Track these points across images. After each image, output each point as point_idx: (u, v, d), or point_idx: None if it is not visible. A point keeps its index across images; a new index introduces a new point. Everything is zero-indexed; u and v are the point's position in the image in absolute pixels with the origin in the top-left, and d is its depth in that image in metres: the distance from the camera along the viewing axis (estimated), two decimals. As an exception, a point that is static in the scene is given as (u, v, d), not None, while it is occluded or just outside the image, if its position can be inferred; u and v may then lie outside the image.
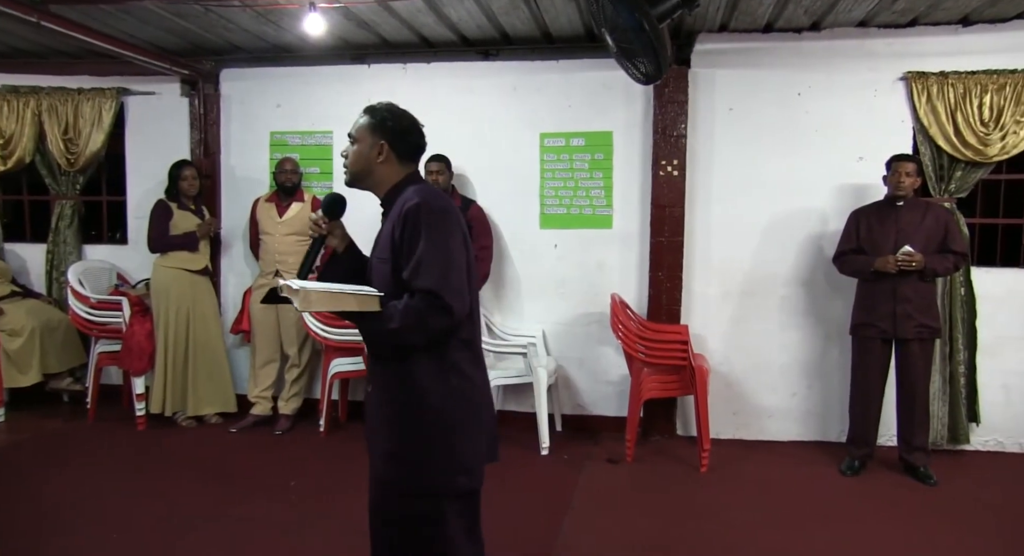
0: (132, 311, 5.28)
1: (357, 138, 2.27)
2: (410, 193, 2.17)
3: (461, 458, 2.16)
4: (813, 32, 4.94)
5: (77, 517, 3.81)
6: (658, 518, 3.94)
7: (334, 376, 5.20)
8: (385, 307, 2.08)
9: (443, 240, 2.09)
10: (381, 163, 2.24)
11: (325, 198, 2.39)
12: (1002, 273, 4.95)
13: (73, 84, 5.81)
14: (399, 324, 2.03)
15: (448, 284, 2.05)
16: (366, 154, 2.24)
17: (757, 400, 5.21)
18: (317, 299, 1.98)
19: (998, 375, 4.94)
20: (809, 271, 5.10)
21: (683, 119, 5.03)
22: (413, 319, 2.03)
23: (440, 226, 2.10)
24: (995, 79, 4.72)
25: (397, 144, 2.24)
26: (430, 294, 2.03)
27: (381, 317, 2.07)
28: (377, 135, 2.23)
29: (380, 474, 2.26)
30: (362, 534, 3.57)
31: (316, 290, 1.99)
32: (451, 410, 2.15)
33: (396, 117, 2.26)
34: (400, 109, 2.30)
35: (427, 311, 2.03)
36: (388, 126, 2.23)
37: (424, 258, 2.05)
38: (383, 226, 2.26)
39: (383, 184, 2.27)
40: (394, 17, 4.69)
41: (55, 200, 5.95)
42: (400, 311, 2.04)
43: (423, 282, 2.04)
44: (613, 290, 5.18)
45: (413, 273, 2.05)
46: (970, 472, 4.64)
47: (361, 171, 2.27)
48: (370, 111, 2.27)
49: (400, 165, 2.26)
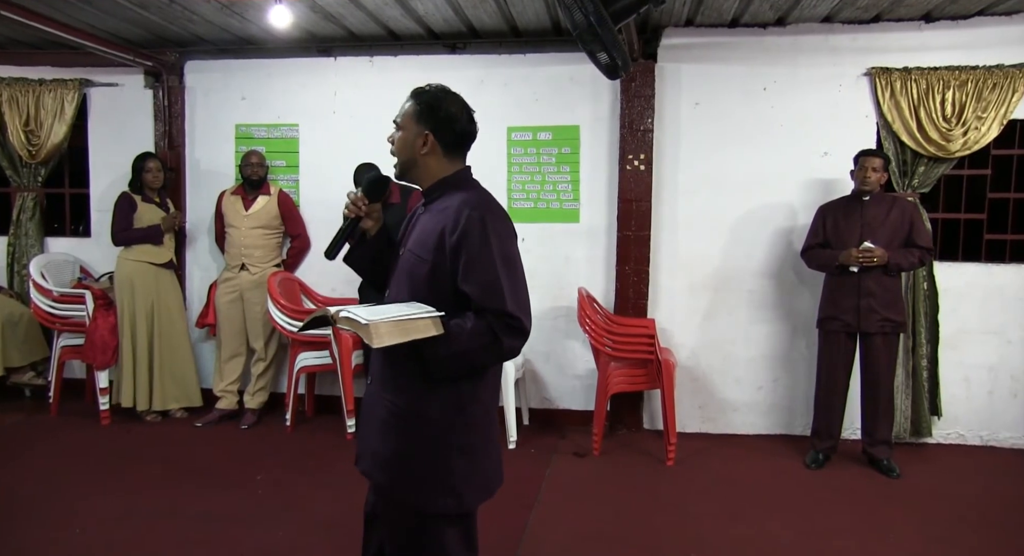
0: (96, 304, 5.21)
1: (402, 125, 2.11)
2: (469, 197, 2.04)
3: (452, 480, 2.04)
4: (778, 27, 4.98)
5: (38, 512, 3.75)
6: (624, 511, 3.95)
7: (300, 370, 5.17)
8: (449, 328, 1.92)
9: (512, 256, 2.01)
10: (425, 155, 2.09)
11: (369, 176, 2.25)
12: (964, 267, 5.00)
13: (34, 75, 5.72)
14: (470, 346, 1.93)
15: (521, 304, 1.97)
16: (411, 143, 2.09)
17: (723, 394, 5.24)
18: (387, 332, 1.82)
19: (960, 368, 5.00)
20: (776, 265, 5.14)
21: (650, 114, 5.04)
22: (488, 339, 1.93)
23: (508, 241, 2.02)
24: (957, 75, 4.77)
25: (443, 134, 2.08)
26: (506, 316, 1.93)
27: (449, 340, 1.92)
28: (422, 124, 2.07)
29: (368, 469, 2.17)
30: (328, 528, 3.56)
31: (384, 322, 1.82)
32: (450, 426, 2.04)
33: (443, 103, 2.08)
34: (448, 93, 2.11)
35: (503, 332, 1.94)
36: (432, 115, 2.06)
37: (497, 275, 1.94)
38: (420, 218, 2.15)
39: (427, 177, 2.13)
40: (360, 10, 4.66)
41: (16, 192, 5.86)
42: (469, 332, 1.93)
43: (498, 303, 1.93)
44: (580, 284, 5.18)
45: (486, 293, 1.94)
46: (932, 465, 4.69)
47: (406, 162, 2.13)
48: (416, 95, 2.10)
49: (446, 158, 2.11)
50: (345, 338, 4.85)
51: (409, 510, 2.08)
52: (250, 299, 5.27)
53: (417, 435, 2.05)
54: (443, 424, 2.03)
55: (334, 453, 4.70)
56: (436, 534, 2.08)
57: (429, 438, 2.04)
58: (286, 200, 5.40)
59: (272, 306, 5.07)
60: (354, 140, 5.29)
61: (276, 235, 5.36)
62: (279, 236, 5.39)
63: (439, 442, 2.04)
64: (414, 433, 2.05)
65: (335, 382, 5.14)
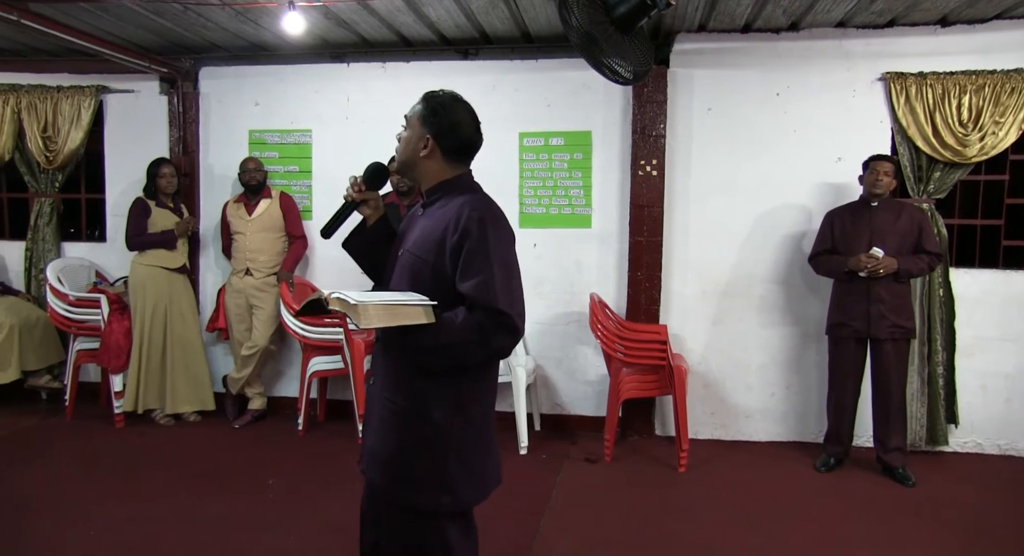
0: (110, 309, 5.26)
1: (409, 125, 2.15)
2: (470, 200, 2.05)
3: (450, 479, 2.06)
4: (791, 32, 4.95)
5: (53, 515, 3.79)
6: (636, 518, 3.94)
7: (313, 374, 5.18)
8: (441, 319, 1.95)
9: (508, 258, 2.02)
10: (424, 158, 2.11)
11: (368, 166, 2.28)
12: (980, 274, 4.95)
13: (52, 82, 5.79)
14: (459, 338, 1.94)
15: (514, 303, 1.98)
16: (413, 144, 2.12)
17: (735, 400, 5.21)
18: (377, 314, 1.84)
19: (976, 376, 4.94)
20: (787, 271, 5.10)
21: (662, 119, 5.03)
22: (476, 335, 1.94)
23: (506, 242, 2.04)
24: (974, 79, 4.73)
25: (443, 140, 2.09)
26: (498, 313, 1.94)
27: (438, 330, 1.95)
28: (426, 127, 2.10)
29: (366, 468, 2.19)
30: (339, 532, 3.55)
31: (374, 304, 1.84)
32: (450, 427, 2.05)
33: (447, 110, 2.10)
34: (456, 101, 2.13)
35: (493, 329, 1.94)
36: (436, 119, 2.09)
37: (492, 274, 1.95)
38: (420, 219, 2.17)
39: (426, 179, 2.16)
40: (373, 16, 4.68)
41: (34, 197, 5.93)
42: (460, 324, 1.94)
43: (490, 300, 1.93)
44: (592, 290, 5.18)
45: (479, 289, 1.94)
46: (948, 473, 4.63)
47: (407, 162, 2.16)
48: (426, 99, 2.13)
49: (446, 162, 2.13)
50: (357, 343, 4.86)
51: (406, 508, 2.10)
52: (256, 303, 5.30)
53: (416, 434, 2.07)
54: (443, 424, 2.05)
55: (345, 457, 4.70)
56: (433, 531, 2.10)
57: (428, 438, 2.06)
58: (288, 201, 5.41)
59: (285, 312, 5.09)
60: (366, 145, 5.25)
61: (281, 238, 5.37)
62: (283, 240, 5.40)
63: (438, 442, 2.06)
64: (413, 432, 2.07)
65: (347, 386, 5.15)
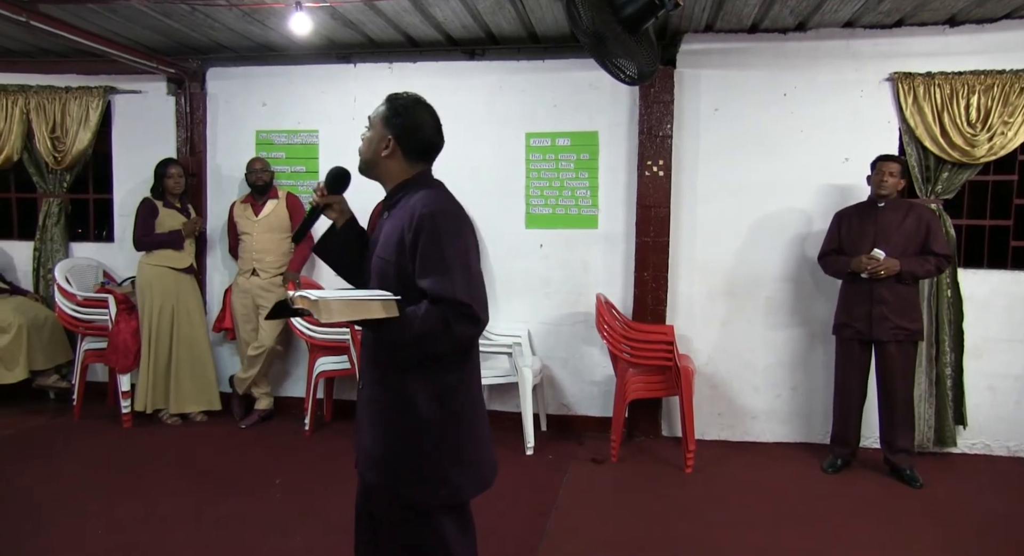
0: (118, 309, 5.28)
1: (372, 126, 2.20)
2: (423, 197, 2.08)
3: (444, 471, 2.09)
4: (799, 32, 4.94)
5: (60, 514, 3.80)
6: (643, 518, 3.93)
7: (319, 375, 5.19)
8: (404, 313, 1.97)
9: (464, 249, 2.03)
10: (386, 157, 2.15)
11: (329, 171, 2.30)
12: (989, 275, 4.93)
13: (61, 83, 5.81)
14: (423, 330, 1.96)
15: (474, 293, 2.00)
16: (375, 145, 2.16)
17: (742, 401, 5.20)
18: (338, 309, 1.86)
19: (985, 377, 4.92)
20: (794, 271, 5.09)
21: (669, 119, 5.02)
22: (439, 325, 1.96)
23: (459, 235, 2.05)
24: (982, 79, 4.71)
25: (404, 140, 2.14)
26: (457, 303, 1.96)
27: (402, 324, 1.97)
28: (387, 128, 2.14)
29: (363, 471, 2.23)
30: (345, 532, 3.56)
31: (335, 300, 1.87)
32: (437, 420, 2.08)
33: (408, 112, 2.15)
34: (418, 103, 2.18)
35: (454, 319, 1.96)
36: (398, 121, 2.13)
37: (448, 267, 1.98)
38: (385, 222, 2.19)
39: (388, 179, 2.19)
40: (380, 16, 4.68)
41: (42, 198, 5.95)
42: (423, 317, 1.96)
43: (449, 291, 1.96)
44: (598, 290, 5.18)
45: (437, 283, 1.97)
46: (956, 475, 4.62)
47: (368, 161, 2.20)
48: (388, 100, 2.18)
49: (406, 162, 2.17)
50: (363, 343, 4.87)
51: (404, 504, 2.12)
52: (263, 304, 5.31)
53: (405, 430, 2.10)
54: (430, 418, 2.08)
55: (351, 458, 4.67)
56: (431, 525, 2.13)
57: (417, 432, 2.09)
58: (294, 201, 5.41)
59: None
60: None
61: (287, 239, 5.35)
62: (290, 240, 5.41)
63: (427, 436, 2.08)
64: (402, 428, 2.10)
65: (353, 387, 5.16)
